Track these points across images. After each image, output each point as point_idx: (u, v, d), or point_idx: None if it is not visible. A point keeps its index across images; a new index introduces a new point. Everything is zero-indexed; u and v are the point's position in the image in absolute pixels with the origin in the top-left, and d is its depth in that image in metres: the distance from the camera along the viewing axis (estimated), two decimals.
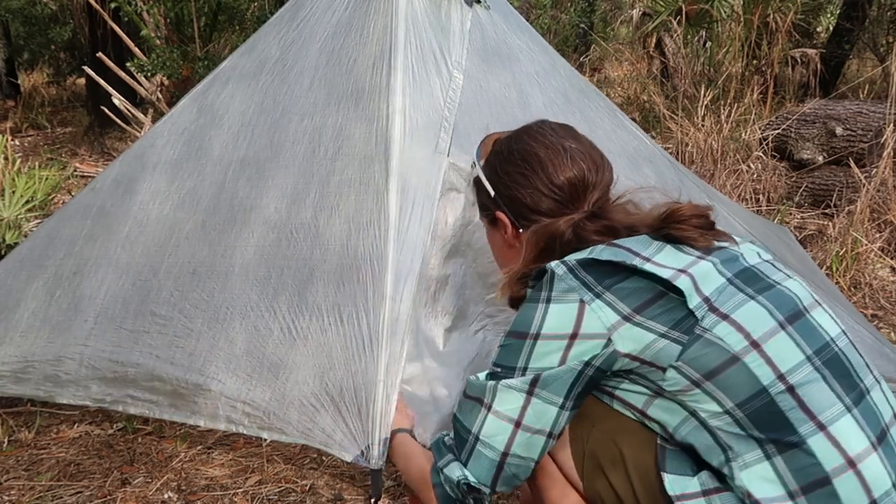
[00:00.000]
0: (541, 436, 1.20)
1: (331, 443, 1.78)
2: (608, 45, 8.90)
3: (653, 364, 1.12)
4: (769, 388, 1.08)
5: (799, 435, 1.06)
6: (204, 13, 5.74)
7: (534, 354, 1.17)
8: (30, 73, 10.83)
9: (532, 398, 1.18)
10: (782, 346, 1.09)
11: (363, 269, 1.83)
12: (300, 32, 2.23)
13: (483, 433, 1.22)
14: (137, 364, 2.07)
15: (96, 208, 2.33)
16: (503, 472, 1.23)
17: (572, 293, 1.15)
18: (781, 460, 1.07)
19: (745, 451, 1.09)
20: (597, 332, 1.13)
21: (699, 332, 1.10)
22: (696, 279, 1.12)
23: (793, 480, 1.06)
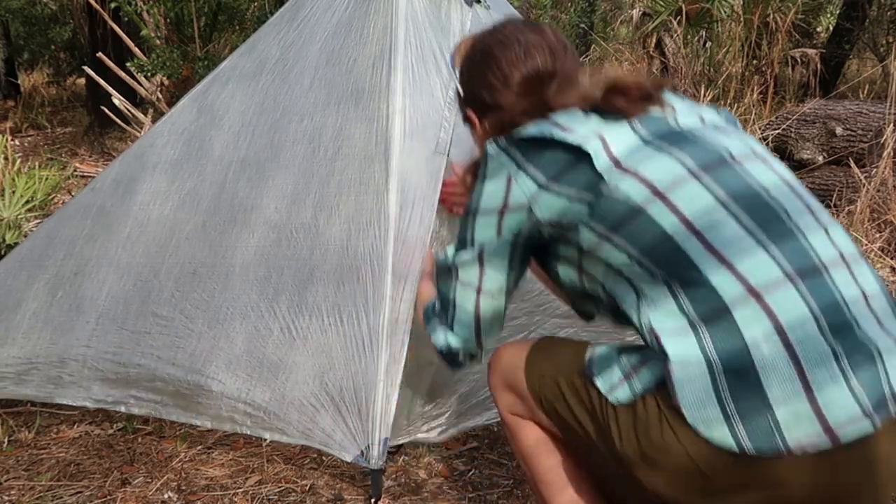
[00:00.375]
0: (500, 298, 1.35)
1: (331, 443, 1.79)
2: (608, 45, 8.89)
3: (567, 225, 1.20)
4: (673, 234, 1.11)
5: (700, 271, 1.08)
6: (204, 13, 5.74)
7: (476, 228, 1.31)
8: (30, 73, 10.83)
9: (484, 267, 1.32)
10: (690, 192, 1.12)
11: (363, 269, 1.83)
12: (300, 32, 2.23)
13: (457, 298, 1.37)
14: (139, 365, 2.07)
15: (96, 208, 2.33)
16: (481, 330, 1.38)
17: (502, 169, 1.25)
18: (684, 294, 1.09)
19: (652, 291, 1.12)
20: (520, 204, 1.24)
21: (604, 190, 1.15)
22: (608, 141, 1.17)
23: (693, 312, 1.08)
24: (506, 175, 1.25)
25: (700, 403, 1.04)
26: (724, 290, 1.06)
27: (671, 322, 1.09)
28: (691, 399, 1.05)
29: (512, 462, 2.11)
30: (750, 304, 1.05)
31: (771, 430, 1.01)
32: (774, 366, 1.02)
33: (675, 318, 1.09)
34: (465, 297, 1.36)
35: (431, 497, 1.94)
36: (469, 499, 1.94)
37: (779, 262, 1.07)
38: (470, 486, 1.99)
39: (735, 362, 1.03)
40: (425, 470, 2.07)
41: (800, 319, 1.04)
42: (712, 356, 1.04)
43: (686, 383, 1.05)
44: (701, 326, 1.07)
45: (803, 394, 1.01)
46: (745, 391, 1.02)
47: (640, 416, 1.11)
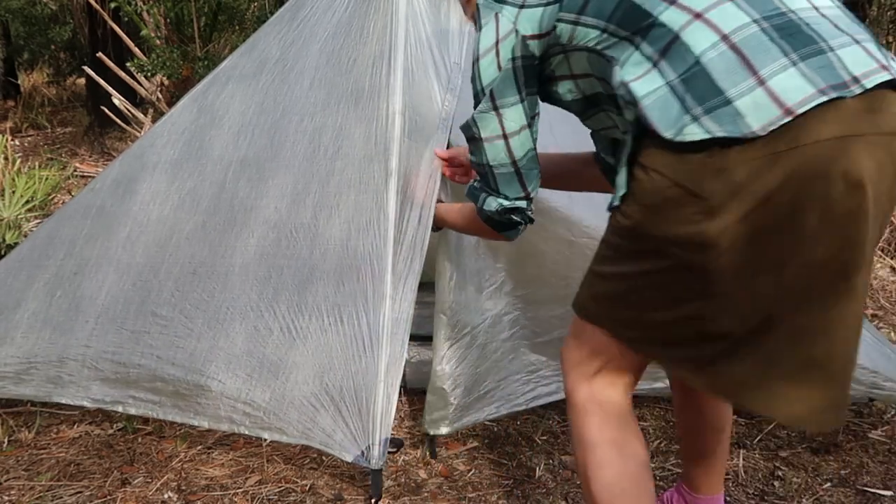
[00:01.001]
0: (525, 129, 1.43)
1: (331, 443, 1.79)
2: None
3: (549, 31, 1.32)
4: None
5: (652, 16, 1.17)
6: (204, 13, 5.75)
7: (482, 74, 1.40)
8: (30, 73, 10.83)
9: (499, 110, 1.41)
10: None
11: (363, 268, 1.83)
12: (300, 32, 2.23)
13: (490, 160, 1.45)
14: (139, 365, 2.07)
15: (96, 208, 2.33)
16: (523, 175, 1.46)
17: (490, 12, 1.38)
18: (645, 43, 1.18)
19: (622, 54, 1.21)
20: (508, 30, 1.35)
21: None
22: None
23: (651, 52, 1.17)
24: (493, 14, 1.37)
25: (671, 119, 1.11)
26: (673, 21, 1.15)
27: (638, 70, 1.18)
28: (663, 119, 1.12)
29: (512, 462, 2.11)
30: (694, 24, 1.13)
31: (734, 115, 1.07)
32: (726, 66, 1.09)
33: (641, 66, 1.18)
34: (496, 152, 1.44)
35: (431, 497, 1.94)
36: (469, 499, 1.94)
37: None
38: (470, 486, 1.99)
39: (690, 74, 1.11)
40: (425, 470, 2.07)
41: (742, 24, 1.11)
42: (671, 79, 1.13)
43: (655, 108, 1.13)
44: (660, 62, 1.15)
45: (756, 85, 1.07)
46: (705, 92, 1.10)
47: (633, 185, 1.18)
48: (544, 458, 2.13)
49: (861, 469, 2.07)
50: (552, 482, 2.01)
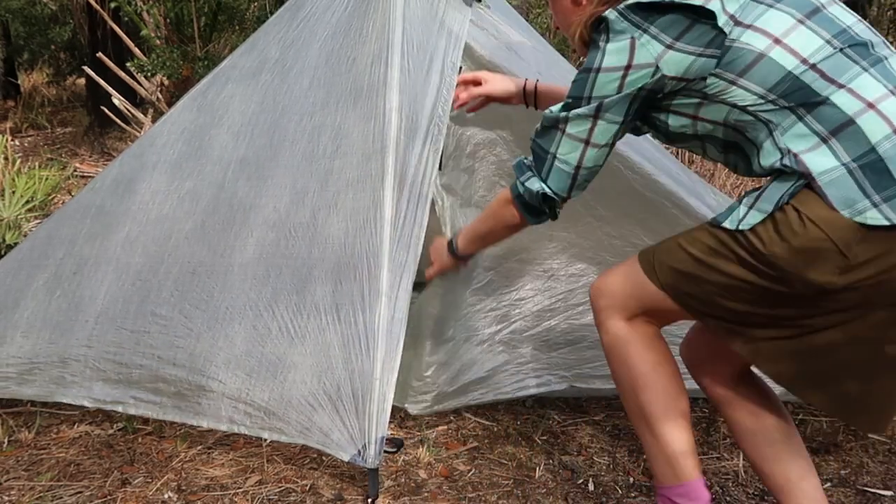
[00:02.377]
0: (605, 148, 1.50)
1: (328, 442, 1.79)
2: None
3: (694, 79, 1.38)
4: (794, 70, 1.33)
5: (822, 95, 1.31)
6: (204, 13, 5.75)
7: (596, 85, 1.43)
8: (30, 73, 10.83)
9: (598, 120, 1.46)
10: (803, 36, 1.34)
11: (360, 267, 1.83)
12: (300, 32, 2.23)
13: (560, 152, 1.50)
14: (140, 365, 2.07)
15: (96, 208, 2.33)
16: (576, 181, 1.53)
17: (624, 33, 1.39)
18: (811, 117, 1.31)
19: (782, 119, 1.33)
20: (646, 63, 1.39)
21: (728, 43, 1.35)
22: (723, 2, 1.35)
23: (822, 129, 1.31)
24: (628, 38, 1.39)
25: (849, 200, 1.27)
26: (846, 106, 1.29)
27: (804, 143, 1.31)
28: (840, 197, 1.27)
29: (512, 462, 2.11)
30: (869, 114, 1.28)
31: None
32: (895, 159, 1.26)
33: (807, 139, 1.31)
34: (570, 148, 1.49)
35: (431, 497, 1.94)
36: (469, 499, 1.94)
37: (880, 81, 1.31)
38: (470, 486, 1.99)
39: (867, 161, 1.27)
40: (425, 470, 2.07)
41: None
42: (848, 162, 1.28)
43: (832, 186, 1.28)
44: (830, 140, 1.30)
45: None
46: (882, 181, 1.26)
47: (781, 221, 1.31)
48: (544, 458, 2.13)
49: (861, 469, 2.07)
50: (552, 482, 2.01)
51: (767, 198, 1.34)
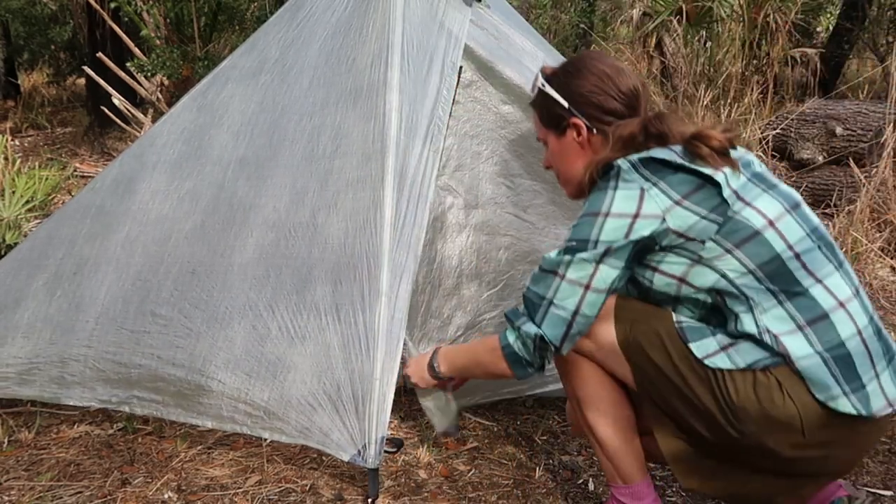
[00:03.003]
0: (603, 294, 1.51)
1: (328, 442, 1.79)
2: (608, 45, 8.89)
3: (695, 239, 1.45)
4: (781, 254, 1.43)
5: (802, 286, 1.43)
6: (204, 13, 5.74)
7: (604, 229, 1.47)
8: (30, 73, 10.82)
9: (600, 265, 1.48)
10: (790, 225, 1.46)
11: (360, 267, 1.83)
12: (300, 32, 2.23)
13: (557, 297, 1.51)
14: (140, 365, 2.07)
15: (96, 208, 2.33)
16: (571, 329, 1.52)
17: (634, 183, 1.47)
18: (791, 305, 1.43)
19: (763, 300, 1.43)
20: (654, 213, 1.45)
21: (731, 214, 1.44)
22: (727, 176, 1.46)
23: (800, 317, 1.42)
24: (638, 188, 1.46)
25: (824, 386, 1.40)
26: (823, 301, 1.43)
27: (783, 325, 1.42)
28: (816, 383, 1.40)
29: (512, 462, 2.11)
30: (840, 312, 1.43)
31: (867, 399, 1.41)
32: (859, 356, 1.41)
33: (786, 322, 1.42)
34: (568, 293, 1.50)
35: (431, 497, 1.94)
36: (469, 499, 1.94)
37: (847, 282, 1.46)
38: (470, 486, 1.99)
39: (837, 353, 1.40)
40: (425, 470, 2.07)
41: (865, 324, 1.44)
42: (821, 351, 1.40)
43: (810, 371, 1.40)
44: (806, 328, 1.42)
45: (875, 377, 1.42)
46: (849, 374, 1.41)
47: (761, 384, 1.42)
48: (544, 458, 2.13)
49: (861, 469, 2.07)
50: (552, 482, 2.01)
51: (742, 353, 1.44)
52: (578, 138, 1.64)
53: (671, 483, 2.00)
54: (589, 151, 1.63)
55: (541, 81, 1.69)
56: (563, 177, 1.72)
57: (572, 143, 1.66)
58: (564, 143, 1.68)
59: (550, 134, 1.71)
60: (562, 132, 1.68)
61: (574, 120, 1.64)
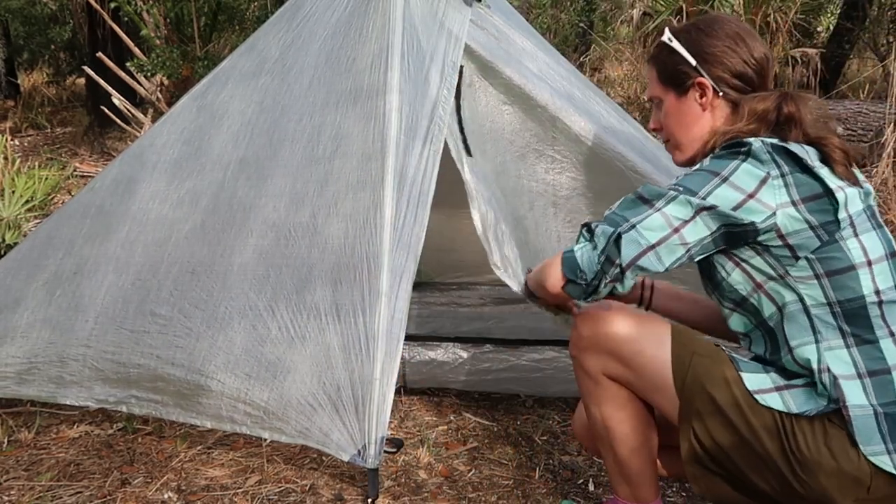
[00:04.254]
0: (684, 248, 1.40)
1: (328, 442, 1.79)
2: (608, 45, 8.89)
3: (792, 248, 1.38)
4: (866, 296, 1.37)
5: (875, 335, 1.37)
6: (204, 13, 5.75)
7: (717, 190, 1.38)
8: (30, 73, 10.82)
9: (697, 218, 1.38)
10: (884, 270, 1.40)
11: (360, 267, 1.83)
12: (300, 32, 2.23)
13: (643, 224, 1.39)
14: (139, 365, 2.07)
15: (95, 208, 2.33)
16: (641, 260, 1.39)
17: (762, 165, 1.38)
18: (857, 351, 1.37)
19: (832, 337, 1.38)
20: (767, 203, 1.36)
21: (838, 238, 1.37)
22: (847, 198, 1.38)
23: (863, 366, 1.36)
24: (765, 171, 1.37)
25: (870, 439, 1.34)
26: (890, 356, 1.37)
27: (845, 369, 1.37)
28: (863, 434, 1.34)
29: (512, 462, 2.11)
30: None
31: None
32: None
33: (848, 366, 1.37)
34: (656, 225, 1.39)
35: (431, 497, 1.94)
36: (469, 499, 1.94)
37: None
38: (470, 486, 1.99)
39: (889, 411, 1.34)
40: (425, 470, 2.07)
41: None
42: (875, 404, 1.35)
43: (861, 422, 1.34)
44: (866, 379, 1.36)
45: None
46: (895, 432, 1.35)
47: (833, 437, 1.35)
48: (544, 458, 2.13)
49: None
50: (552, 482, 2.01)
51: (795, 398, 1.39)
52: (702, 100, 1.55)
53: (671, 483, 2.00)
54: (709, 117, 1.55)
55: (668, 35, 1.59)
56: (675, 139, 1.60)
57: (693, 105, 1.56)
58: (684, 104, 1.57)
59: (669, 93, 1.60)
60: (683, 92, 1.57)
61: (700, 79, 1.54)
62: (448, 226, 3.04)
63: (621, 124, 2.30)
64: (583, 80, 2.40)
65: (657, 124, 1.65)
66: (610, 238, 1.40)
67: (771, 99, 1.46)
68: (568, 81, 2.28)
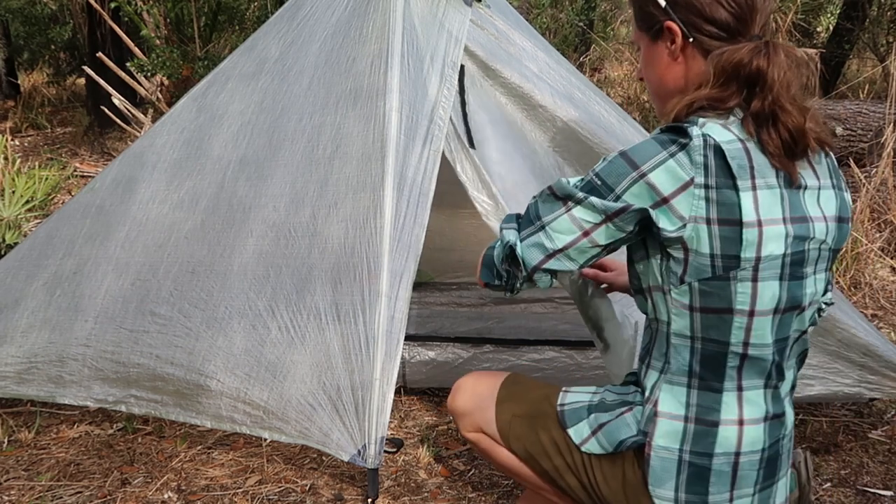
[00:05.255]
0: (597, 248, 1.32)
1: (328, 442, 1.79)
2: (608, 45, 8.89)
3: (685, 268, 1.26)
4: (731, 345, 1.28)
5: (722, 386, 1.30)
6: (204, 13, 5.74)
7: (632, 189, 1.25)
8: (30, 73, 10.81)
9: (609, 223, 1.28)
10: (764, 325, 1.28)
11: (360, 267, 1.83)
12: (300, 32, 2.23)
13: (552, 225, 1.32)
14: (139, 364, 2.07)
15: (95, 208, 2.33)
16: (549, 263, 1.34)
17: (690, 167, 1.23)
18: (696, 394, 1.32)
19: (678, 372, 1.32)
20: (681, 213, 1.23)
21: (731, 276, 1.24)
22: (765, 237, 1.23)
23: (694, 411, 1.32)
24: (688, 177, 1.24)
25: (662, 483, 1.35)
26: (725, 410, 1.32)
27: (673, 408, 1.34)
28: (657, 477, 1.35)
29: None
30: (731, 429, 1.32)
31: None
32: (721, 475, 1.33)
33: (678, 407, 1.34)
34: (565, 229, 1.31)
35: (431, 497, 1.94)
36: (469, 499, 1.94)
37: (768, 405, 1.34)
38: (470, 486, 1.99)
39: (697, 461, 1.33)
40: (425, 470, 2.07)
41: (753, 450, 1.34)
42: (685, 450, 1.33)
43: (658, 464, 1.34)
44: (690, 423, 1.33)
45: (728, 501, 1.35)
46: (695, 486, 1.34)
47: (629, 475, 1.37)
48: None
49: (861, 469, 2.07)
50: None
51: (609, 434, 1.38)
52: (671, 46, 1.36)
53: None
54: (681, 67, 1.36)
55: None
56: (651, 88, 1.45)
57: (663, 52, 1.38)
58: (655, 51, 1.40)
59: (644, 37, 1.43)
60: (654, 37, 1.40)
61: (669, 23, 1.35)
62: (448, 226, 3.04)
63: (621, 124, 2.30)
64: (583, 80, 2.40)
65: (639, 73, 1.49)
66: (506, 248, 1.37)
67: (745, 51, 1.25)
68: (568, 81, 2.28)
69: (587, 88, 2.34)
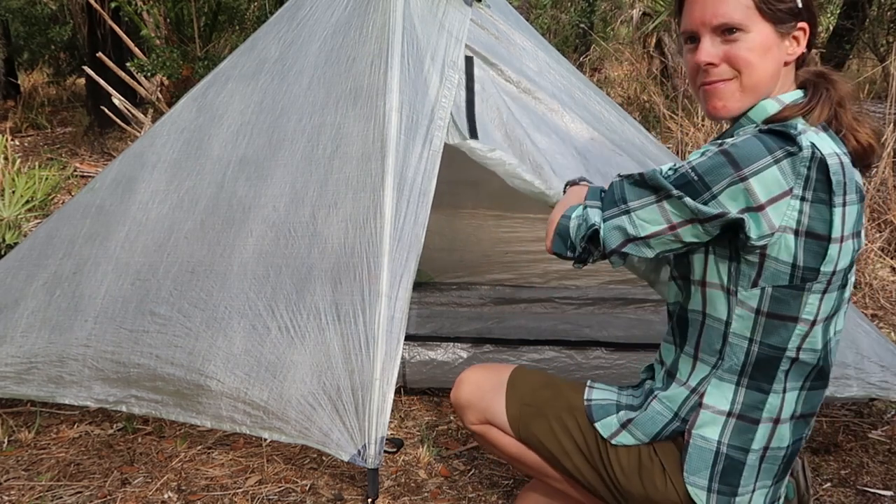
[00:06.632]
0: (679, 244, 1.30)
1: (328, 442, 1.79)
2: (608, 45, 8.89)
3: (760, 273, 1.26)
4: (787, 350, 1.30)
5: (770, 388, 1.33)
6: (204, 13, 5.75)
7: (731, 190, 1.21)
8: (30, 73, 10.82)
9: (697, 224, 1.26)
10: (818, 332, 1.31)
11: (360, 267, 1.83)
12: (300, 32, 2.23)
13: (639, 214, 1.30)
14: (139, 364, 2.07)
15: (95, 208, 2.33)
16: (627, 248, 1.32)
17: (792, 177, 1.20)
18: (744, 392, 1.33)
19: (730, 370, 1.33)
20: (773, 222, 1.21)
21: (806, 288, 1.26)
22: (842, 253, 1.26)
23: (738, 407, 1.34)
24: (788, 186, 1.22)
25: (698, 471, 1.38)
26: (768, 410, 1.36)
27: (720, 403, 1.36)
28: (694, 466, 1.38)
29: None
30: (768, 426, 1.36)
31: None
32: (750, 469, 1.38)
33: (724, 402, 1.36)
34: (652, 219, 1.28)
35: (431, 497, 1.94)
36: (469, 499, 1.94)
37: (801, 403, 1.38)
38: (470, 486, 1.99)
39: (733, 454, 1.37)
40: (425, 470, 2.07)
41: (778, 446, 1.38)
42: (723, 442, 1.37)
43: (695, 452, 1.38)
44: (732, 418, 1.37)
45: (750, 493, 1.39)
46: (729, 478, 1.38)
47: (645, 467, 1.41)
48: None
49: (861, 469, 2.07)
50: None
51: (643, 426, 1.41)
52: (793, 47, 1.32)
53: None
54: (778, 76, 1.32)
55: None
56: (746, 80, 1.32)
57: (783, 51, 1.32)
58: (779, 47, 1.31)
59: (767, 26, 1.30)
60: (783, 34, 1.31)
61: (802, 25, 1.30)
62: (448, 226, 3.04)
63: (621, 124, 2.30)
64: (583, 79, 2.40)
65: (714, 58, 1.32)
66: (590, 229, 1.34)
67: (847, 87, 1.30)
68: (568, 81, 2.28)
69: (587, 88, 2.34)
